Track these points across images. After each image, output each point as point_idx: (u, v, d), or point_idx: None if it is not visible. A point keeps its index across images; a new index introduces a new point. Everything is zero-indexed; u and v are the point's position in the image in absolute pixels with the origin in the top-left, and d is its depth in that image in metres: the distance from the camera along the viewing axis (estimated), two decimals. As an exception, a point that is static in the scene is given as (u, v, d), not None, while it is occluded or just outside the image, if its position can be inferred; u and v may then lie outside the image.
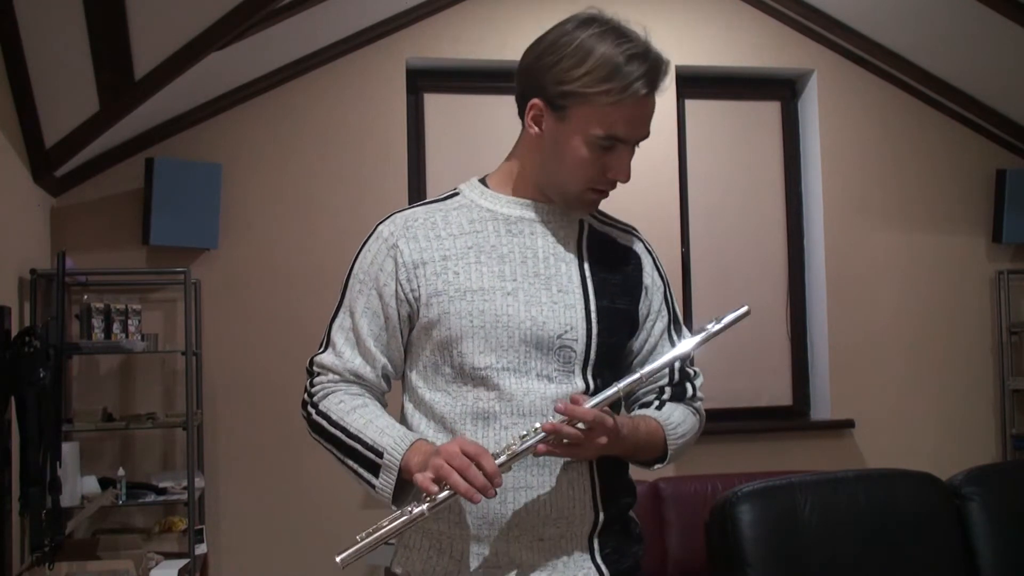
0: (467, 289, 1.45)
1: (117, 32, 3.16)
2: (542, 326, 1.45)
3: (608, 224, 1.60)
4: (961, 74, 4.51)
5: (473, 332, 1.44)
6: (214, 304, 4.10)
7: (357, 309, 1.51)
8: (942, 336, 4.73)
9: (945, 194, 4.78)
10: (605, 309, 1.49)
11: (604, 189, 1.48)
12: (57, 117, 3.45)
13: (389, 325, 1.50)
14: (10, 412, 2.89)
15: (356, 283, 1.52)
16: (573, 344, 1.46)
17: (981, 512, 2.68)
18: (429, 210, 1.54)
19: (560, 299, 1.47)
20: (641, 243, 1.61)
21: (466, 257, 1.48)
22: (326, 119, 4.25)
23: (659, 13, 4.49)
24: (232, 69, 3.85)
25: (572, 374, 1.46)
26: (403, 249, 1.49)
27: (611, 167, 1.45)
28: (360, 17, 4.05)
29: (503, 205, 1.52)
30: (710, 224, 4.62)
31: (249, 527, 4.08)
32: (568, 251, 1.51)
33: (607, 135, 1.41)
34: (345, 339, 1.51)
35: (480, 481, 1.28)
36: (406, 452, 1.39)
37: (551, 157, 1.46)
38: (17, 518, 3.06)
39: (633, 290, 1.55)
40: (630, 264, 1.56)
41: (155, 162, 3.91)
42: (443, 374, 1.47)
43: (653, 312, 1.57)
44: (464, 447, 1.31)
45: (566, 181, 1.47)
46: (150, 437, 4.04)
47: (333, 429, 1.47)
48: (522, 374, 1.44)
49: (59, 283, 3.37)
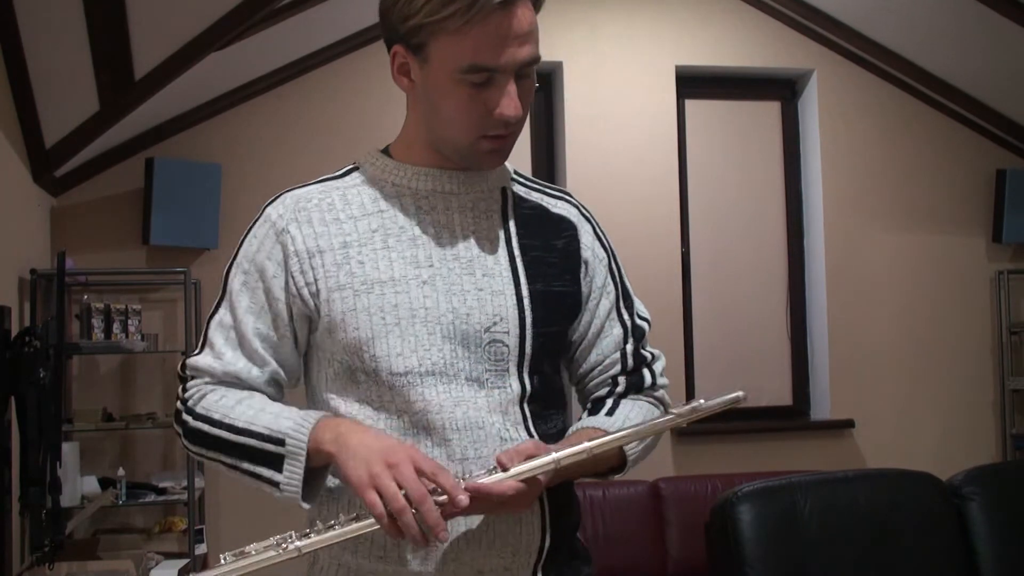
0: (375, 280, 1.22)
1: (117, 32, 3.16)
2: (466, 318, 1.23)
3: (536, 190, 1.37)
4: (961, 74, 4.51)
5: (387, 331, 1.21)
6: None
7: (240, 305, 1.28)
8: (942, 336, 4.73)
9: (945, 194, 4.78)
10: (540, 293, 1.27)
11: (499, 134, 1.21)
12: (57, 117, 3.45)
13: (279, 324, 1.26)
14: (10, 412, 2.90)
15: (239, 274, 1.30)
16: (504, 338, 1.24)
17: (981, 512, 2.68)
18: (325, 188, 1.31)
19: (486, 284, 1.25)
20: (577, 209, 1.38)
21: (371, 242, 1.24)
22: (326, 119, 4.25)
23: (659, 13, 4.50)
24: (232, 69, 3.85)
25: (506, 374, 1.24)
26: (294, 235, 1.26)
27: (494, 104, 1.17)
28: (360, 17, 4.05)
29: (409, 177, 1.28)
30: (710, 224, 4.62)
31: (249, 527, 4.07)
32: (491, 226, 1.29)
33: (472, 65, 1.15)
34: (225, 339, 1.28)
35: (434, 519, 1.06)
36: (312, 431, 1.16)
37: (429, 109, 1.23)
38: (17, 518, 3.06)
39: (572, 267, 1.32)
40: (565, 236, 1.33)
41: (155, 162, 3.91)
42: (358, 382, 1.24)
43: (596, 289, 1.34)
44: (418, 461, 1.09)
45: (451, 133, 1.22)
46: (150, 437, 4.04)
47: (217, 431, 1.21)
48: (448, 379, 1.21)
49: (59, 283, 3.37)
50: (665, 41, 4.51)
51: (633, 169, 4.40)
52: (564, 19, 4.37)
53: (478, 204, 1.29)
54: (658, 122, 4.49)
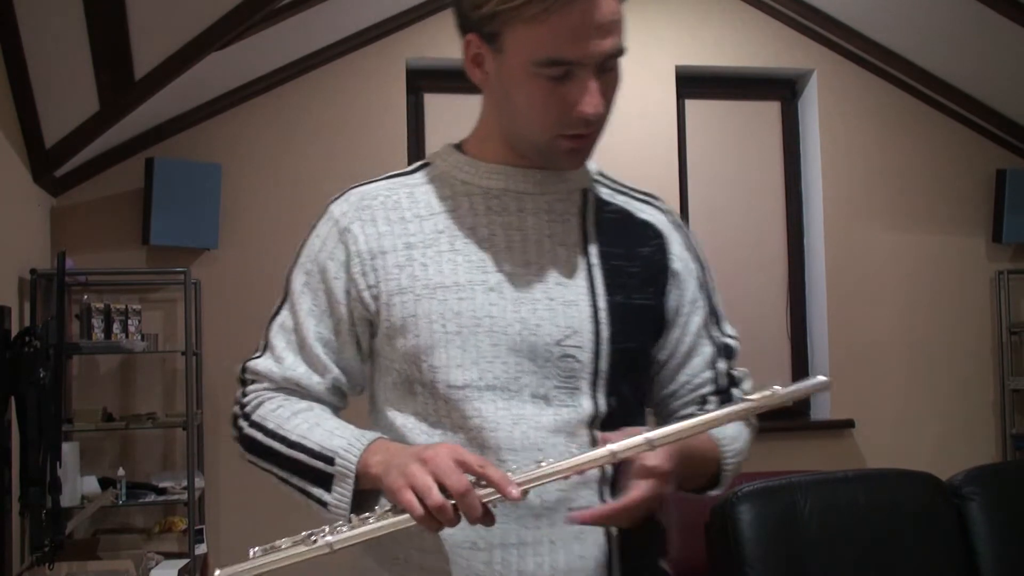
0: (438, 285, 1.14)
1: (117, 32, 3.16)
2: (535, 330, 1.13)
3: (622, 192, 1.27)
4: (961, 74, 4.51)
5: (447, 340, 1.12)
6: (214, 304, 4.10)
7: (302, 307, 1.21)
8: (942, 336, 4.73)
9: (945, 194, 4.78)
10: (619, 306, 1.16)
11: (580, 133, 1.12)
12: (57, 117, 3.45)
13: (341, 328, 1.19)
14: (10, 412, 2.90)
15: (301, 274, 1.24)
16: (577, 352, 1.13)
17: (981, 512, 2.68)
18: (392, 185, 1.23)
19: (559, 294, 1.15)
20: (666, 215, 1.27)
21: (436, 244, 1.16)
22: (326, 119, 4.25)
23: (659, 13, 4.49)
24: (232, 69, 3.85)
25: (576, 392, 1.13)
26: (357, 234, 1.19)
27: (573, 100, 1.08)
28: (360, 17, 4.05)
29: (481, 175, 1.20)
30: (710, 224, 4.62)
31: (249, 527, 4.07)
32: (568, 230, 1.18)
33: (549, 58, 1.05)
34: (287, 343, 1.22)
35: (478, 513, 0.96)
36: (363, 453, 1.09)
37: (504, 103, 1.14)
38: (17, 518, 3.06)
39: (656, 278, 1.21)
40: (652, 244, 1.22)
41: (155, 162, 3.91)
42: (415, 394, 1.16)
43: (686, 304, 1.22)
44: (460, 454, 0.99)
45: (527, 130, 1.13)
46: (150, 437, 4.04)
47: (270, 441, 1.16)
48: (511, 395, 1.12)
49: (59, 283, 3.37)
50: (665, 41, 4.51)
51: (633, 169, 4.33)
52: (564, 19, 4.37)
53: (554, 206, 1.19)
54: (658, 122, 4.49)
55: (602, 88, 1.09)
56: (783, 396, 1.02)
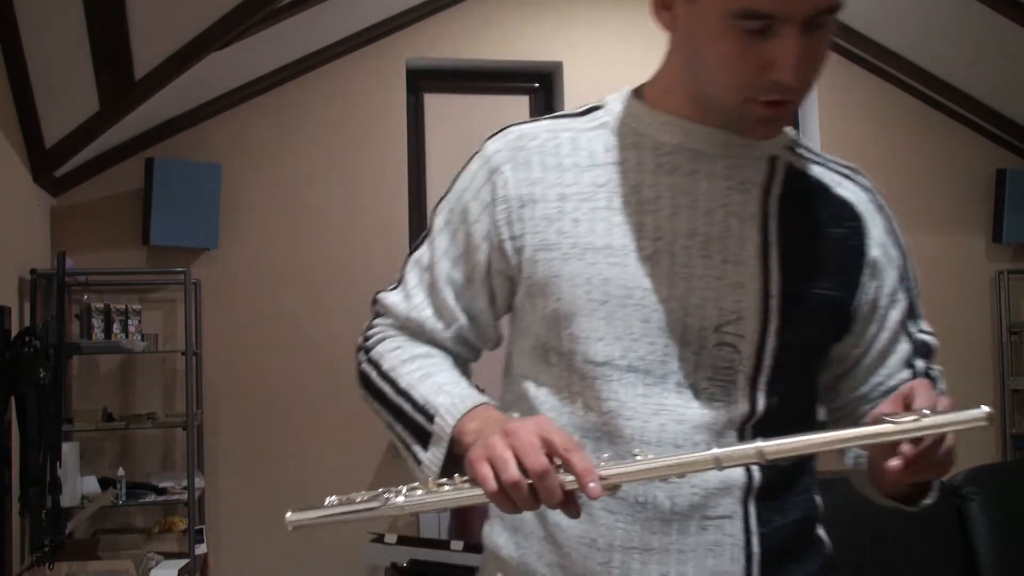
0: (588, 245, 1.01)
1: (117, 32, 3.16)
2: (693, 310, 0.99)
3: (819, 163, 1.09)
4: (961, 74, 4.51)
5: (591, 309, 1.00)
6: (214, 304, 4.10)
7: (439, 246, 1.10)
8: (942, 336, 4.64)
9: (945, 194, 4.78)
10: (794, 294, 1.00)
11: (775, 99, 0.95)
12: (57, 117, 3.45)
13: (475, 276, 1.08)
14: (10, 412, 2.89)
15: (445, 210, 1.11)
16: (737, 342, 0.99)
17: (981, 512, 2.68)
18: (555, 127, 1.08)
19: (726, 273, 0.99)
20: (867, 194, 1.09)
21: (593, 199, 1.02)
22: (326, 119, 4.25)
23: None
24: (232, 69, 3.85)
25: (732, 387, 0.99)
26: (507, 177, 1.05)
27: (771, 61, 0.91)
28: (360, 17, 4.05)
29: (656, 127, 1.04)
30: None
31: (249, 527, 4.07)
32: (747, 201, 1.01)
33: (748, 9, 0.89)
34: (419, 280, 1.11)
35: (556, 498, 0.85)
36: (462, 417, 0.98)
37: (692, 55, 0.98)
38: (17, 518, 3.06)
39: (847, 266, 1.04)
40: (848, 225, 1.05)
41: (155, 162, 3.91)
42: (550, 363, 1.04)
43: (885, 297, 1.06)
44: (547, 431, 0.87)
45: (715, 89, 0.96)
46: (150, 437, 4.03)
47: (381, 382, 1.08)
48: (654, 380, 0.99)
49: (59, 283, 3.37)
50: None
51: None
52: (564, 19, 4.37)
53: (735, 172, 1.02)
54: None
55: (807, 49, 0.91)
56: (932, 427, 0.85)
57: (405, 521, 4.11)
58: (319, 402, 4.05)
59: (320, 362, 4.07)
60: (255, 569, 4.05)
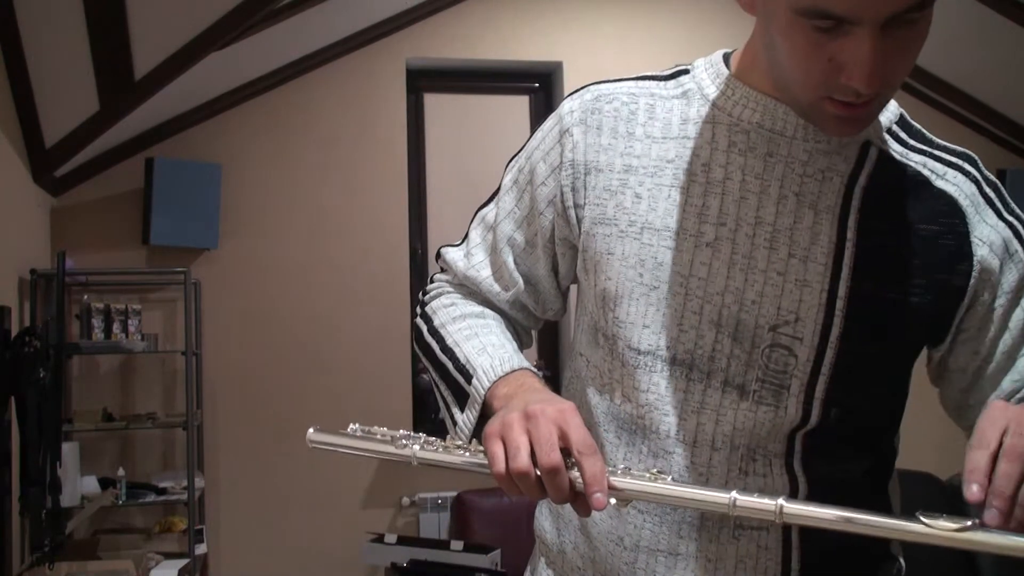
0: (646, 224, 0.94)
1: (117, 32, 3.16)
2: (749, 306, 0.91)
3: (921, 151, 0.97)
4: (961, 74, 4.51)
5: (640, 293, 0.94)
6: (214, 304, 4.10)
7: (505, 205, 1.06)
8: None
9: (945, 194, 4.78)
10: (865, 297, 0.91)
11: (849, 101, 0.85)
12: (57, 117, 3.45)
13: (538, 241, 1.03)
14: (10, 412, 2.89)
15: (515, 169, 1.07)
16: (794, 345, 0.91)
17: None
18: (636, 91, 1.02)
19: (790, 269, 0.91)
20: (976, 184, 0.96)
21: (659, 174, 0.95)
22: (326, 119, 4.25)
23: (659, 13, 4.49)
24: (232, 69, 3.85)
25: (783, 393, 0.91)
26: (577, 140, 0.99)
27: (843, 62, 0.82)
28: (360, 17, 4.05)
29: (735, 101, 0.95)
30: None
31: (249, 527, 4.08)
32: (827, 192, 0.92)
33: (814, 8, 0.80)
34: (482, 238, 1.08)
35: (563, 496, 0.81)
36: (497, 381, 0.94)
37: (768, 43, 0.89)
38: (17, 518, 3.06)
39: (939, 267, 0.93)
40: (943, 222, 0.93)
41: (155, 162, 3.91)
42: (598, 345, 0.99)
43: (1003, 296, 0.94)
44: (566, 424, 0.81)
45: (790, 83, 0.88)
46: (150, 437, 4.04)
47: (429, 337, 1.04)
48: (699, 376, 0.92)
49: (59, 283, 3.37)
50: (665, 41, 4.51)
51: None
52: (564, 19, 4.37)
53: (816, 158, 0.93)
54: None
55: (887, 50, 0.81)
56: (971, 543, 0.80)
57: (405, 521, 4.11)
58: (319, 402, 4.05)
59: (320, 362, 4.07)
60: (255, 569, 4.05)
